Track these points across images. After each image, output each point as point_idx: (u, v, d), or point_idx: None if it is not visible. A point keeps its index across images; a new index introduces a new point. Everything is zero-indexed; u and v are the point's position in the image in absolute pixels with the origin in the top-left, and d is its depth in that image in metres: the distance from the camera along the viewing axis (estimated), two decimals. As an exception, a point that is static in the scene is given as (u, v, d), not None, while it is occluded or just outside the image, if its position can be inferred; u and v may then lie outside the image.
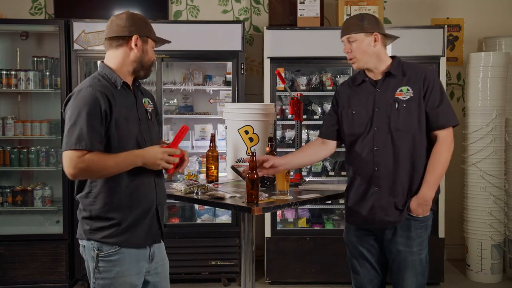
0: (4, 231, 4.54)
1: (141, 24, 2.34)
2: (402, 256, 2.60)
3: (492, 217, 4.62)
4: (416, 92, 2.57)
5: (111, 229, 2.24)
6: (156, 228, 2.37)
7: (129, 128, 2.26)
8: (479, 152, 4.62)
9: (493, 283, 4.65)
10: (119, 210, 2.25)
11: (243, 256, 2.82)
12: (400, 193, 2.58)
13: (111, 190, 2.23)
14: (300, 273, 4.61)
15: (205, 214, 4.68)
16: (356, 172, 2.68)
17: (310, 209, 4.90)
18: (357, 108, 2.67)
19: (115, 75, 2.30)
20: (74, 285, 4.65)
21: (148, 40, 2.35)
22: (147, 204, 2.32)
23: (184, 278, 4.53)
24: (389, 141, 2.58)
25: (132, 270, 2.29)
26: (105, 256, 2.24)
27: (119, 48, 2.32)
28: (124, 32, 2.30)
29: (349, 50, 2.65)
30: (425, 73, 2.60)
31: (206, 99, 4.90)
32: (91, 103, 2.17)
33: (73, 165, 2.14)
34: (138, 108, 2.35)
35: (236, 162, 3.06)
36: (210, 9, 5.18)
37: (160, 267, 2.45)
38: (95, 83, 2.24)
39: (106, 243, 2.24)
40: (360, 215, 2.67)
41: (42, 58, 4.72)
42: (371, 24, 2.63)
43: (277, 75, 3.35)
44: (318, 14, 4.61)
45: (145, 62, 2.35)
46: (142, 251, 2.32)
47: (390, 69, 2.63)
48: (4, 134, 4.61)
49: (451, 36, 5.23)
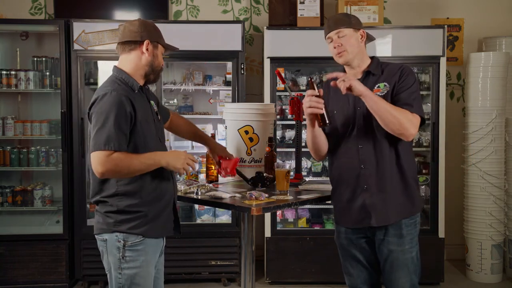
0: (4, 231, 4.55)
1: (152, 30, 2.46)
2: (394, 255, 2.58)
3: (492, 217, 4.62)
4: (391, 85, 2.57)
5: (137, 221, 2.36)
6: (171, 220, 2.52)
7: (150, 128, 2.41)
8: (479, 152, 4.62)
9: (493, 283, 4.65)
10: (146, 204, 2.38)
11: (243, 256, 2.82)
12: (389, 189, 2.56)
13: (138, 187, 2.36)
14: (300, 273, 4.61)
15: (205, 214, 4.68)
16: (342, 172, 2.65)
17: (310, 209, 4.90)
18: (338, 108, 2.66)
19: (131, 79, 2.42)
20: (74, 285, 4.64)
21: (158, 46, 2.47)
22: (168, 196, 2.47)
23: (184, 278, 4.53)
24: (371, 138, 2.56)
25: (153, 260, 2.44)
26: (131, 245, 2.35)
27: (131, 52, 2.44)
28: (137, 37, 2.42)
29: (339, 44, 2.62)
30: (402, 67, 2.61)
31: (206, 99, 4.91)
32: (118, 107, 2.29)
33: (102, 164, 2.26)
34: (152, 110, 2.49)
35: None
36: (210, 9, 5.18)
37: (160, 264, 2.58)
38: (117, 87, 2.36)
39: (132, 233, 2.35)
40: (350, 216, 2.64)
41: (42, 58, 4.72)
42: (357, 22, 2.67)
43: (277, 75, 3.35)
44: (318, 14, 4.62)
45: (156, 67, 2.47)
46: (159, 242, 2.48)
47: (370, 68, 2.64)
48: (4, 134, 4.61)
49: (451, 36, 5.23)
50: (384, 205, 2.57)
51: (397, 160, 2.58)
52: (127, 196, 2.36)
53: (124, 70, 2.44)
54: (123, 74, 2.43)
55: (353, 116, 2.60)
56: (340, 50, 2.63)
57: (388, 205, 2.57)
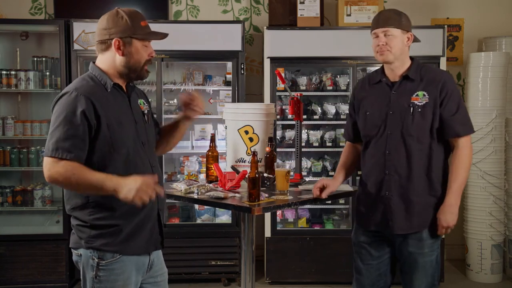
0: (4, 231, 4.55)
1: (124, 24, 2.14)
2: (413, 257, 2.57)
3: (492, 217, 4.62)
4: (432, 98, 2.52)
5: (112, 237, 2.12)
6: (157, 234, 2.27)
7: (123, 131, 2.14)
8: (479, 152, 4.62)
9: (493, 283, 4.65)
10: (121, 217, 2.12)
11: (243, 256, 2.82)
12: (414, 198, 2.54)
13: (112, 198, 2.02)
14: (300, 273, 4.61)
15: (205, 214, 4.68)
16: (368, 175, 2.65)
17: (310, 209, 4.90)
18: (371, 109, 2.64)
19: (105, 76, 2.18)
20: (74, 285, 4.64)
21: (133, 41, 2.16)
22: (149, 210, 2.20)
23: (184, 278, 4.53)
24: (402, 146, 2.54)
25: (132, 278, 2.18)
26: (106, 264, 2.11)
27: (105, 52, 2.20)
28: (105, 35, 2.17)
29: (384, 43, 2.54)
30: (444, 79, 2.55)
31: (206, 99, 4.90)
32: (72, 109, 2.05)
33: (48, 170, 2.03)
34: (133, 110, 2.24)
35: (236, 162, 3.06)
36: (210, 9, 5.18)
37: (159, 276, 2.35)
38: (82, 86, 2.12)
39: (107, 250, 2.11)
40: (371, 219, 2.64)
41: (42, 58, 4.72)
42: (408, 22, 2.58)
43: (277, 75, 3.35)
44: (318, 14, 4.61)
45: (133, 65, 2.18)
46: (142, 259, 2.22)
47: (409, 72, 2.58)
48: (4, 134, 4.61)
49: (451, 36, 5.23)
50: (406, 215, 2.55)
51: (428, 171, 2.54)
52: (99, 208, 2.10)
53: (99, 67, 2.20)
54: (96, 70, 2.19)
55: (384, 120, 2.58)
56: (383, 49, 2.55)
57: (411, 215, 2.55)
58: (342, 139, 4.74)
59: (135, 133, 2.20)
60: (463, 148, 2.56)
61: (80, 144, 2.04)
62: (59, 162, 2.01)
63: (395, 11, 2.61)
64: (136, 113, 2.25)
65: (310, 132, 4.79)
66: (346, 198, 4.65)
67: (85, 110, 2.05)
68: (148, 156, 2.24)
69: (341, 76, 4.75)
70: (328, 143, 4.75)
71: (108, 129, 2.09)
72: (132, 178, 2.00)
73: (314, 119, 4.73)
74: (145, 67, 2.23)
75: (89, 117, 2.05)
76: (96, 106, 2.08)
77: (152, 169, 2.24)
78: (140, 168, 2.17)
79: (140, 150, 2.20)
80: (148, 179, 2.00)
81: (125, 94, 2.25)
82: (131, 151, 2.16)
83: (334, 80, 4.75)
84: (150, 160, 2.25)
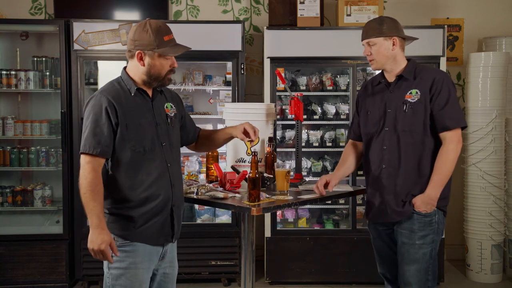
0: (4, 231, 4.54)
1: (147, 38, 2.34)
2: (406, 248, 2.70)
3: (492, 217, 4.62)
4: (423, 94, 2.66)
5: (125, 225, 2.33)
6: (168, 227, 2.42)
7: (141, 131, 2.34)
8: (479, 152, 4.62)
9: (493, 283, 4.65)
10: (133, 209, 2.33)
11: (243, 256, 2.82)
12: (404, 191, 2.69)
13: (127, 193, 2.32)
14: (300, 273, 4.61)
15: (205, 214, 4.68)
16: (370, 170, 2.81)
17: (310, 209, 4.91)
18: (371, 109, 2.80)
19: (130, 82, 2.40)
20: (74, 285, 4.64)
21: (154, 54, 2.36)
22: (162, 202, 2.37)
23: (184, 278, 4.53)
24: (396, 141, 2.69)
25: (144, 263, 2.36)
26: (119, 246, 2.31)
27: (131, 60, 2.42)
28: (131, 45, 2.39)
29: (369, 53, 2.74)
30: (435, 76, 2.68)
31: (206, 99, 4.90)
32: (96, 110, 2.29)
33: (81, 167, 2.28)
34: (156, 113, 2.43)
35: (236, 162, 3.06)
36: (210, 9, 5.18)
37: (168, 268, 2.51)
38: (107, 89, 2.37)
39: (119, 235, 2.33)
40: (371, 211, 2.82)
41: (42, 58, 4.72)
42: (390, 29, 2.72)
43: (277, 75, 3.36)
44: (318, 14, 4.62)
45: (153, 74, 2.38)
46: (155, 248, 2.40)
47: (403, 72, 2.74)
48: (4, 134, 4.61)
49: (451, 36, 5.23)
50: (396, 204, 2.70)
51: (417, 165, 2.68)
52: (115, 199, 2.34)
53: (127, 72, 2.44)
54: (124, 76, 2.43)
55: (383, 118, 2.74)
56: (370, 59, 2.77)
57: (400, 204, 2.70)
58: (342, 139, 4.74)
59: (155, 134, 2.39)
60: (450, 142, 2.64)
61: (105, 141, 2.27)
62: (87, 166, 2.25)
63: (376, 21, 2.76)
64: (158, 116, 2.44)
65: (310, 132, 4.79)
66: (346, 198, 4.65)
67: (108, 110, 2.29)
68: (165, 156, 2.41)
69: (341, 76, 4.75)
70: (328, 143, 4.76)
71: (126, 128, 2.31)
72: (101, 238, 2.21)
73: (314, 119, 4.73)
74: (168, 76, 2.43)
75: (111, 116, 2.29)
76: (117, 107, 2.30)
77: (167, 167, 2.41)
78: (155, 165, 2.37)
79: (158, 150, 2.39)
80: (105, 250, 2.21)
81: (149, 98, 2.44)
82: (148, 150, 2.35)
83: (334, 80, 4.76)
84: (167, 159, 2.42)
